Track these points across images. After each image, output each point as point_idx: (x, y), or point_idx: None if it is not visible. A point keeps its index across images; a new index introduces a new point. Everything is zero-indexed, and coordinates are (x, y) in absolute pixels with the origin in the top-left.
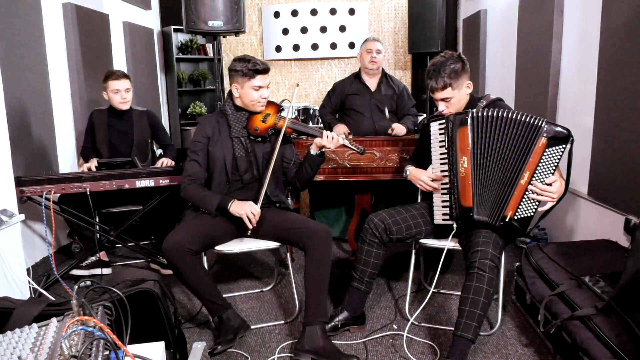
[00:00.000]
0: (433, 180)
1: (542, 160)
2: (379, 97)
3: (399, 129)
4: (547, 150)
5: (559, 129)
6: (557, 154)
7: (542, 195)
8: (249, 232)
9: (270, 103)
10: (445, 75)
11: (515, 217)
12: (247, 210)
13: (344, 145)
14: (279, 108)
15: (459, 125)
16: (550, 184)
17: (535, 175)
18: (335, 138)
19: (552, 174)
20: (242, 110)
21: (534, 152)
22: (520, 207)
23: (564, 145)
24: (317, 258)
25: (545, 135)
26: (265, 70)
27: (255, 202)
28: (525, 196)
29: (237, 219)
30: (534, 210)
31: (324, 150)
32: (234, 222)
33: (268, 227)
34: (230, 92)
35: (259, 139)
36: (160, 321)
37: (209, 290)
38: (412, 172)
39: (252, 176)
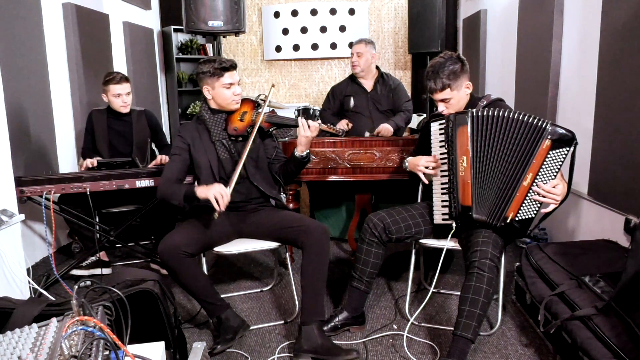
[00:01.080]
0: (430, 164)
1: (545, 163)
2: (376, 97)
3: (384, 130)
4: (550, 152)
5: (563, 131)
6: (560, 156)
7: (545, 197)
8: (216, 214)
9: (246, 100)
10: (444, 77)
11: (517, 219)
12: (214, 190)
13: (324, 131)
14: (254, 104)
15: (458, 125)
16: (554, 187)
17: (538, 177)
18: (312, 126)
19: (555, 176)
20: (218, 113)
21: (538, 154)
22: (522, 208)
23: (567, 148)
24: (314, 256)
25: (549, 137)
26: (232, 67)
27: (226, 185)
28: (527, 198)
29: (227, 219)
30: (535, 211)
31: (309, 152)
32: (225, 220)
33: (265, 227)
34: (204, 97)
35: (240, 139)
36: (160, 321)
37: (206, 292)
38: (410, 161)
39: (240, 176)
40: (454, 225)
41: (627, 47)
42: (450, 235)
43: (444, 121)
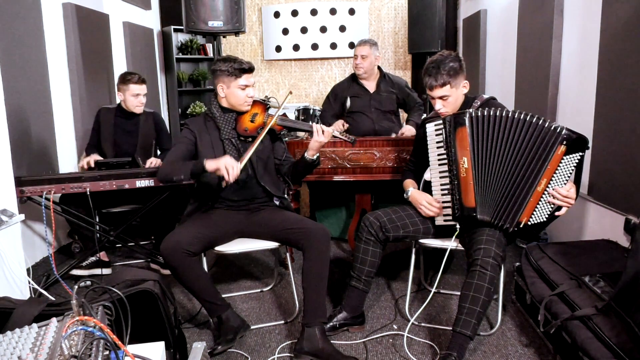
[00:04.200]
0: (433, 210)
1: (559, 168)
2: (378, 98)
3: (408, 131)
4: (564, 157)
5: (578, 136)
6: (573, 161)
7: (561, 202)
8: (224, 183)
9: (257, 102)
10: (445, 73)
11: (529, 223)
12: (224, 162)
13: (335, 137)
14: (266, 106)
15: (457, 126)
16: (567, 190)
17: (551, 182)
18: (327, 131)
19: (567, 180)
20: (229, 112)
21: (553, 159)
22: (534, 212)
23: (581, 153)
24: (315, 258)
25: (565, 143)
26: (250, 70)
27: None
28: (540, 202)
29: (229, 218)
30: (547, 215)
31: (319, 155)
32: (227, 219)
33: (267, 228)
34: (215, 93)
35: (250, 139)
36: (160, 321)
37: (207, 291)
38: (413, 194)
39: (247, 175)
40: (457, 226)
41: (627, 47)
42: (454, 237)
43: (439, 122)
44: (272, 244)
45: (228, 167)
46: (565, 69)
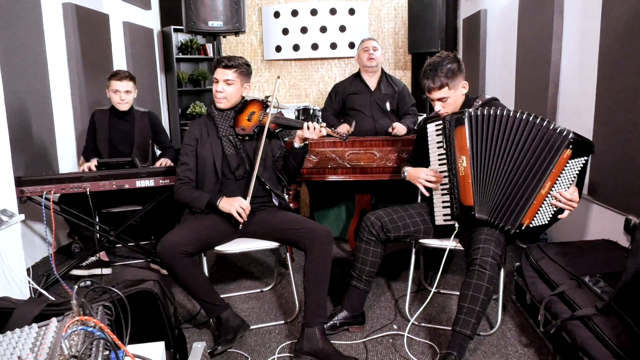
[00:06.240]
0: (431, 179)
1: (564, 171)
2: (379, 96)
3: (399, 128)
4: (570, 161)
5: (584, 140)
6: (578, 165)
7: (565, 205)
8: (240, 226)
9: (254, 101)
10: (442, 75)
11: (531, 225)
12: (235, 205)
13: (328, 135)
14: (263, 105)
15: (456, 125)
16: (571, 194)
17: (555, 185)
18: (316, 129)
19: (571, 184)
20: (227, 109)
21: (558, 162)
22: (537, 215)
23: (585, 158)
24: (317, 259)
25: (571, 146)
26: (224, 66)
27: (244, 197)
28: (543, 205)
29: (230, 217)
30: (549, 217)
31: (307, 142)
32: (226, 220)
33: (267, 227)
34: None
35: (247, 138)
36: (160, 321)
37: (205, 292)
38: (410, 172)
39: (245, 171)
40: (456, 226)
41: (627, 47)
42: (453, 236)
43: (440, 122)
44: (272, 244)
45: (239, 211)
46: (565, 69)
